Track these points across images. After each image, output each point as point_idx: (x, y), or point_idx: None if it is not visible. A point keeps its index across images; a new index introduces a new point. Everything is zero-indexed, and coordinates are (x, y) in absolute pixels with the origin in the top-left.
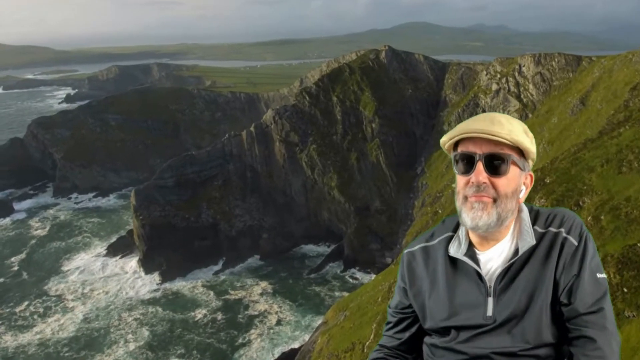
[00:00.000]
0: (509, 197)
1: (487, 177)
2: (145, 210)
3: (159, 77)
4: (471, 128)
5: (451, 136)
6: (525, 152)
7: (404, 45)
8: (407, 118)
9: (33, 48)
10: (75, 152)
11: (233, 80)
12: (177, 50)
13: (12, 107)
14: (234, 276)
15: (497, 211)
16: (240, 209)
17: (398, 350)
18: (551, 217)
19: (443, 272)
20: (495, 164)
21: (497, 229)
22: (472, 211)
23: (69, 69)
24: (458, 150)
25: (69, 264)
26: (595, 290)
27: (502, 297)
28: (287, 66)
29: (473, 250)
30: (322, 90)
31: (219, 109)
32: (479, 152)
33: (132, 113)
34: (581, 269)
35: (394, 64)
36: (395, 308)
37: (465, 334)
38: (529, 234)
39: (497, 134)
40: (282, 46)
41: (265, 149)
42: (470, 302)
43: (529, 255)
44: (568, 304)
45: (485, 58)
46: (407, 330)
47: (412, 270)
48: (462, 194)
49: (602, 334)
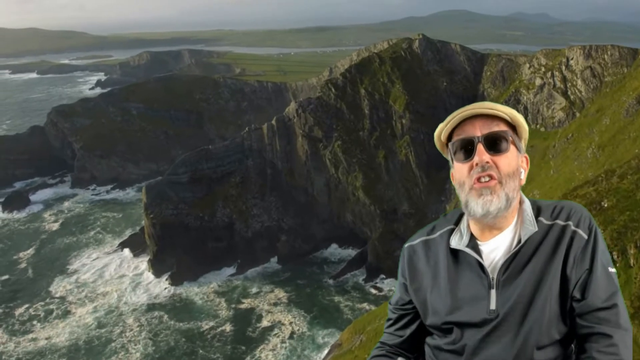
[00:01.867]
0: (511, 176)
1: (489, 157)
2: (157, 208)
3: (188, 64)
4: (466, 107)
5: (446, 122)
6: (520, 129)
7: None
8: (441, 114)
9: (71, 33)
10: (95, 141)
11: (263, 68)
12: (213, 37)
13: (44, 92)
14: (248, 281)
15: (505, 192)
16: (258, 209)
17: (399, 349)
18: (558, 209)
19: (445, 265)
20: (495, 144)
21: (506, 212)
22: (481, 198)
23: (104, 55)
24: (454, 139)
25: (77, 262)
26: (609, 285)
27: (506, 289)
28: (320, 54)
29: (475, 242)
30: (349, 81)
31: (245, 98)
32: (477, 135)
33: (154, 102)
34: (593, 263)
35: (428, 54)
36: (396, 304)
37: (470, 334)
38: (531, 223)
39: (493, 107)
40: (318, 33)
41: (287, 144)
42: (473, 295)
43: (535, 247)
44: (581, 299)
45: (526, 48)
46: (408, 327)
47: (413, 265)
48: (467, 183)
49: (617, 331)
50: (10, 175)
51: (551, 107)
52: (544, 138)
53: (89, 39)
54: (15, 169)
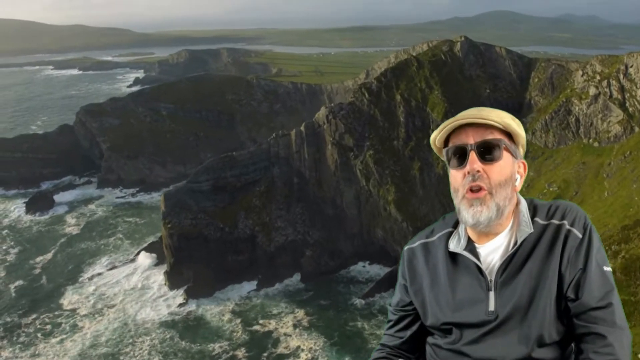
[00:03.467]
0: (503, 185)
1: (481, 166)
2: (175, 218)
3: (224, 63)
4: (460, 116)
5: (440, 129)
6: (515, 136)
7: (486, 34)
8: None
9: (115, 30)
10: (122, 142)
11: (300, 69)
12: (254, 35)
13: (82, 89)
14: (268, 299)
15: (495, 202)
16: (282, 221)
17: (400, 350)
18: (553, 209)
19: (444, 268)
20: (488, 152)
21: (497, 220)
22: (471, 208)
23: (146, 52)
24: (449, 145)
25: (91, 269)
26: (603, 284)
27: (504, 291)
28: (361, 54)
29: (473, 245)
30: (384, 86)
31: (279, 100)
32: (470, 142)
33: (185, 102)
34: (587, 262)
35: (470, 57)
36: (396, 306)
37: (469, 334)
38: (527, 224)
39: (486, 117)
40: (360, 33)
41: (315, 152)
42: (472, 297)
43: (531, 248)
44: (575, 298)
45: (574, 51)
46: (409, 329)
47: (412, 267)
48: (460, 190)
49: (613, 330)
50: (38, 174)
51: (606, 120)
52: (598, 154)
53: (132, 36)
54: (43, 168)
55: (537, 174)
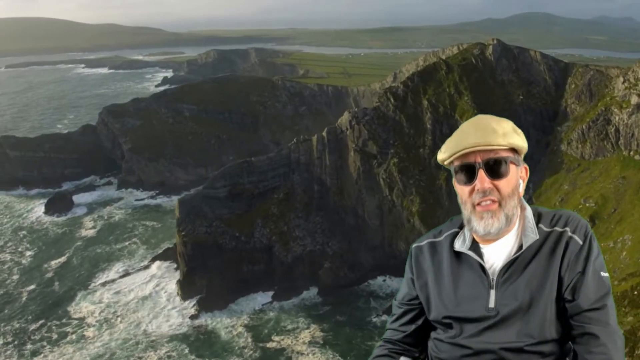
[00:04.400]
0: (511, 196)
1: (490, 182)
2: (190, 225)
3: (252, 64)
4: (468, 143)
5: (450, 154)
6: (519, 150)
7: (519, 36)
8: None
9: (146, 29)
10: (144, 143)
11: (328, 70)
12: (284, 35)
13: (110, 87)
14: (283, 313)
15: (505, 212)
16: (301, 230)
17: (403, 343)
18: (556, 217)
19: (448, 265)
20: (495, 168)
21: (507, 228)
22: (482, 221)
23: (176, 51)
24: (455, 163)
25: (104, 275)
26: (599, 288)
27: (505, 290)
28: (391, 55)
29: (477, 245)
30: (410, 91)
31: (304, 102)
32: (478, 161)
33: (208, 103)
34: (585, 267)
35: (502, 61)
36: (402, 300)
37: (469, 328)
38: (533, 231)
39: (494, 142)
40: (390, 33)
41: (337, 159)
42: (473, 294)
43: (534, 252)
44: (572, 300)
45: (610, 54)
46: (413, 323)
47: (419, 264)
48: (469, 202)
49: (605, 331)
50: (59, 174)
51: None
52: (639, 168)
53: (164, 35)
54: (64, 168)
55: (572, 188)
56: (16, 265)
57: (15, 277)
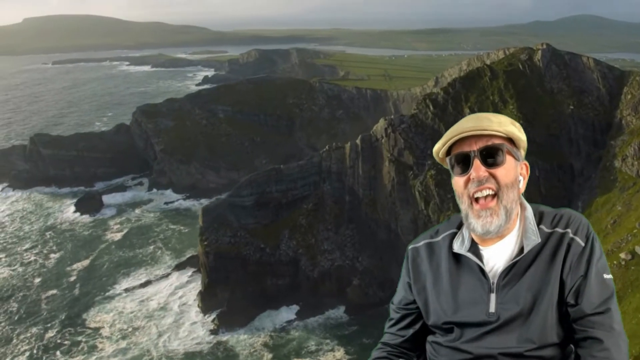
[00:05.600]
0: (510, 187)
1: (485, 171)
2: (213, 234)
3: (291, 65)
4: (461, 128)
5: (443, 142)
6: (516, 140)
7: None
8: (564, 144)
9: (191, 28)
10: (176, 144)
11: (369, 72)
12: (328, 36)
13: (152, 85)
14: (307, 332)
15: (503, 205)
16: (330, 243)
17: (401, 348)
18: (557, 218)
19: (447, 268)
20: (491, 156)
21: (507, 225)
22: (480, 219)
23: (219, 50)
24: (452, 153)
25: (125, 282)
26: (602, 291)
27: (506, 294)
28: (435, 57)
29: (477, 247)
30: (451, 98)
31: (342, 105)
32: (473, 149)
33: (243, 105)
34: (588, 269)
35: (552, 68)
36: (399, 304)
37: (469, 333)
38: (534, 233)
39: (487, 127)
40: (436, 35)
41: (371, 169)
42: (473, 298)
43: (535, 255)
44: (575, 304)
45: None
46: (411, 327)
47: (416, 266)
48: (465, 194)
49: (609, 335)
50: (92, 173)
51: None
52: None
53: (207, 34)
54: (97, 167)
55: (626, 209)
56: (40, 268)
57: (37, 281)
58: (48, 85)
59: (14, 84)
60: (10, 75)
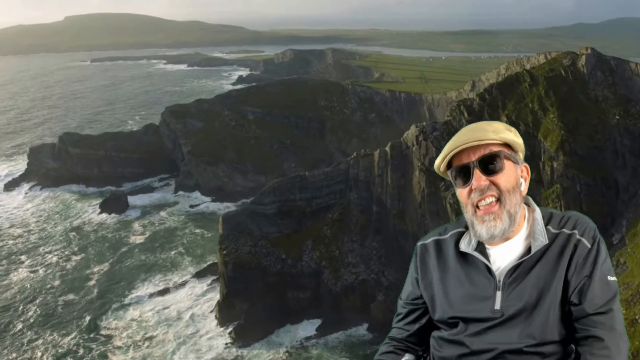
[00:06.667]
0: (512, 192)
1: (486, 179)
2: (233, 243)
3: (326, 65)
4: (458, 142)
5: (442, 157)
6: (514, 145)
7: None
8: (609, 157)
9: (229, 27)
10: (204, 146)
11: (404, 74)
12: (365, 36)
13: (187, 85)
14: (327, 351)
15: (507, 210)
16: (354, 256)
17: (407, 342)
18: (565, 219)
19: (454, 265)
20: (489, 165)
21: (512, 229)
22: (484, 224)
23: (256, 50)
24: (452, 166)
25: (143, 288)
26: (605, 292)
27: (512, 291)
28: (473, 59)
29: (483, 246)
30: (487, 105)
31: (374, 109)
32: (472, 160)
33: (274, 107)
34: (593, 270)
35: (597, 75)
36: (407, 299)
37: (473, 327)
38: (542, 234)
39: (483, 137)
40: (474, 36)
41: (400, 178)
42: (480, 295)
43: (541, 254)
44: (578, 304)
45: None
46: (417, 322)
47: (424, 262)
48: (469, 204)
49: (610, 334)
50: (119, 173)
51: None
52: None
53: (245, 33)
54: (124, 167)
55: None
56: (60, 271)
57: (56, 284)
58: (86, 83)
59: (54, 80)
60: (50, 73)
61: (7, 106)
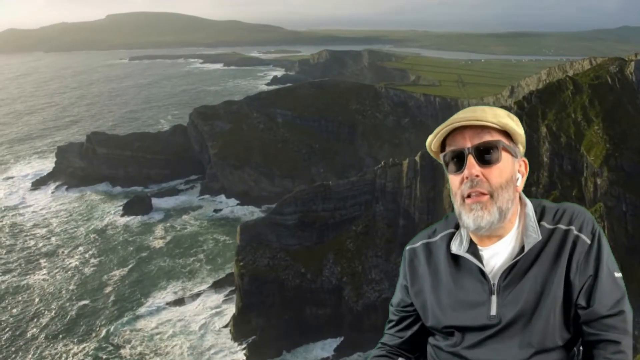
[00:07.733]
0: (504, 187)
1: (479, 170)
2: (250, 255)
3: (361, 67)
4: (454, 119)
5: (436, 134)
6: (513, 134)
7: None
8: None
9: (267, 27)
10: (230, 149)
11: (441, 77)
12: (403, 37)
13: (221, 84)
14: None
15: (497, 205)
16: (378, 272)
17: (400, 349)
18: (560, 213)
19: (445, 269)
20: (485, 154)
21: (500, 224)
22: (472, 213)
23: (293, 50)
24: (446, 150)
25: (159, 296)
26: (615, 291)
27: (507, 295)
28: (514, 63)
29: (475, 247)
30: (525, 113)
31: (408, 113)
32: (467, 146)
33: (304, 109)
34: (598, 268)
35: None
36: (397, 306)
37: (470, 338)
38: (534, 230)
39: (482, 118)
40: (516, 39)
41: (430, 190)
42: (474, 300)
43: (537, 253)
44: (587, 306)
45: None
46: (409, 329)
47: (413, 268)
48: (458, 194)
49: (625, 337)
50: (145, 175)
51: None
52: None
53: (283, 33)
54: (150, 168)
55: None
56: (78, 275)
57: (72, 289)
58: (124, 81)
59: (93, 79)
60: (90, 70)
61: (45, 103)
